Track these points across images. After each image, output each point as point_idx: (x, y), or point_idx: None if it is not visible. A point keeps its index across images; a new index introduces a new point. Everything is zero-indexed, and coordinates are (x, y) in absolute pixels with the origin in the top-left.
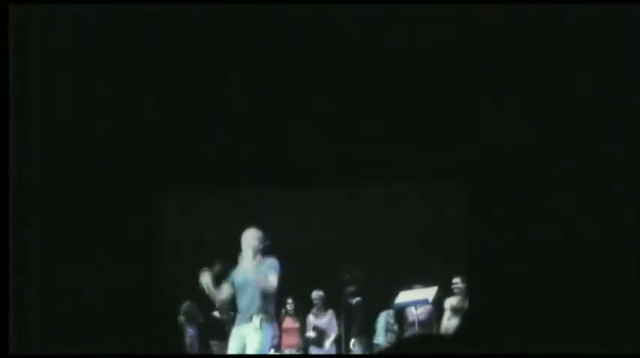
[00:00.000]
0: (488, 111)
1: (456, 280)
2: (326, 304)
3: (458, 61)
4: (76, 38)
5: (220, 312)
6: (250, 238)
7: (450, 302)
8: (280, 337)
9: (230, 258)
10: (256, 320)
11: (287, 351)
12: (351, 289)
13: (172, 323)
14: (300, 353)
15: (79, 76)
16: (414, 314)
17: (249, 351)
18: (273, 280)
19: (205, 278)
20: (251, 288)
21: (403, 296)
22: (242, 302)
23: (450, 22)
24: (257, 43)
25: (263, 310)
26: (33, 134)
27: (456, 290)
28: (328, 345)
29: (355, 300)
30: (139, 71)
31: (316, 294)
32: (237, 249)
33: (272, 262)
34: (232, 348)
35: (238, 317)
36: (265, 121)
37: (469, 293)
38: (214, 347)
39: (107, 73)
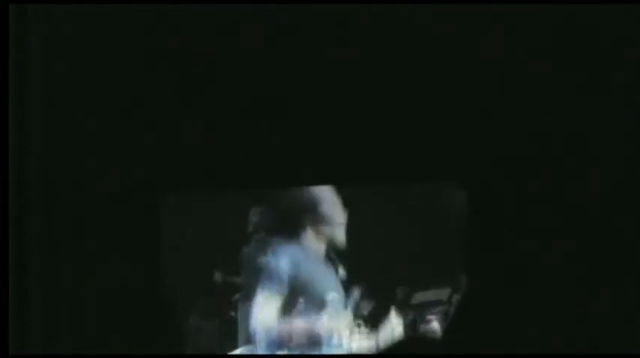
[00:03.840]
0: (488, 111)
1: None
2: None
3: (458, 61)
4: (76, 38)
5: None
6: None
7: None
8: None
9: (231, 258)
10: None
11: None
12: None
13: (174, 324)
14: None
15: (80, 75)
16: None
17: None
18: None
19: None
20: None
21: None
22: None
23: (449, 21)
24: (259, 42)
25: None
26: (33, 134)
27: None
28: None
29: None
30: (141, 71)
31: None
32: (238, 249)
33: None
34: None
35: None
36: (266, 121)
37: (469, 294)
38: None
39: (108, 72)
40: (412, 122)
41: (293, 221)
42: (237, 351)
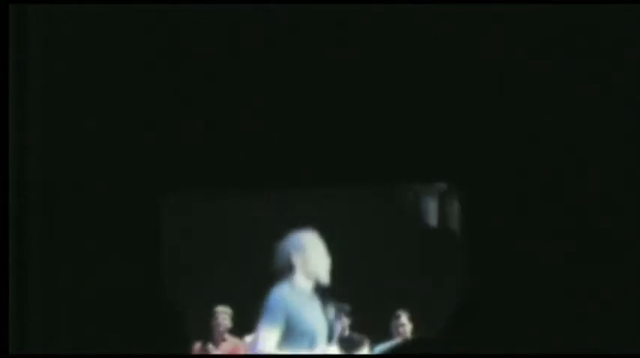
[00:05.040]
0: (488, 111)
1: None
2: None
3: (457, 61)
4: (76, 38)
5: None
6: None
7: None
8: None
9: (232, 260)
10: None
11: None
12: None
13: (174, 324)
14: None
15: (80, 75)
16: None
17: None
18: None
19: None
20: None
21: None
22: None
23: (446, 22)
24: (259, 42)
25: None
26: (33, 134)
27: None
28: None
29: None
30: (141, 71)
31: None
32: (238, 250)
33: None
34: None
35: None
36: (266, 121)
37: (467, 294)
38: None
39: (108, 72)
40: (412, 123)
41: (286, 263)
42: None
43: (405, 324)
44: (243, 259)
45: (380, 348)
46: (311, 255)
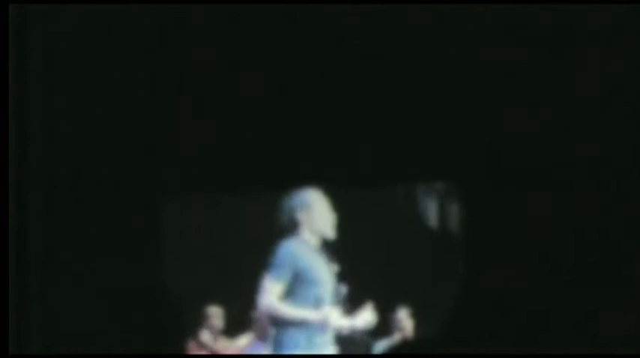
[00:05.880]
0: (487, 111)
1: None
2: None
3: (457, 61)
4: (76, 38)
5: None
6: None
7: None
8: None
9: (232, 260)
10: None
11: None
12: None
13: (174, 324)
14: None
15: (80, 76)
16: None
17: None
18: None
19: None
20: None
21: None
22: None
23: (446, 22)
24: (258, 43)
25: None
26: (33, 134)
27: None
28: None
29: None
30: (141, 72)
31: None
32: (238, 251)
33: None
34: None
35: None
36: (265, 123)
37: (467, 294)
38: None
39: (108, 73)
40: (412, 123)
41: (291, 219)
42: (244, 337)
43: (404, 320)
44: (243, 260)
45: (380, 347)
46: (316, 212)
